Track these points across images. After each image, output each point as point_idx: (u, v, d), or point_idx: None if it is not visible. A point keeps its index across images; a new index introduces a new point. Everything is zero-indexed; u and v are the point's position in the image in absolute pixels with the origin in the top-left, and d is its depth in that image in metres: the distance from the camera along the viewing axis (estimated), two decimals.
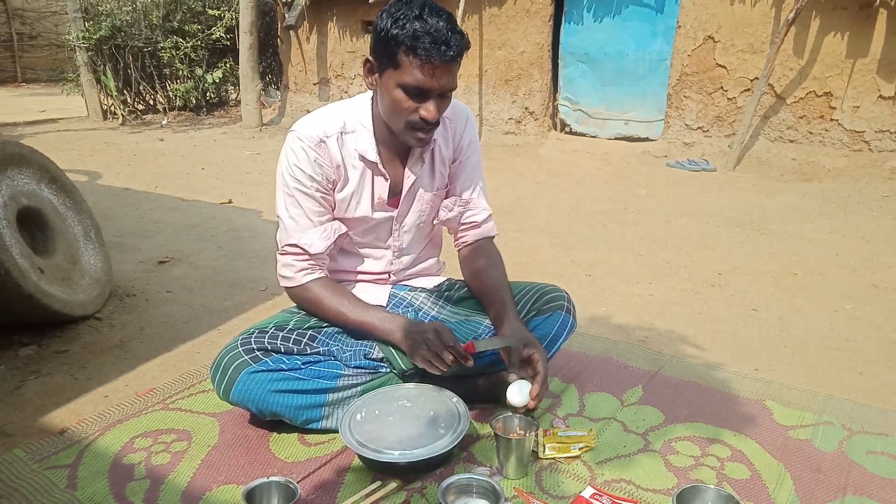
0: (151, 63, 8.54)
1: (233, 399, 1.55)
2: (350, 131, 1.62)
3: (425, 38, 1.40)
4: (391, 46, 1.43)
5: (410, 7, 1.42)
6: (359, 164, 1.64)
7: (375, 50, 1.49)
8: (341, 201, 1.66)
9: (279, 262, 1.66)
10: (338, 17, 7.57)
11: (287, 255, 1.64)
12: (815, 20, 5.20)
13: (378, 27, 1.46)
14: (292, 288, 1.67)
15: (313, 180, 1.59)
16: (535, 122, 6.71)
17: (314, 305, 1.66)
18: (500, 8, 6.55)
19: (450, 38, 1.42)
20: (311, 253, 1.62)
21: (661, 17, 5.97)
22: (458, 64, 1.48)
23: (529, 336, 1.56)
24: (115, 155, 6.12)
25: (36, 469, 1.49)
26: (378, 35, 1.46)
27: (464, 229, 1.79)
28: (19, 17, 13.81)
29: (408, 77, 1.44)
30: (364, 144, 1.62)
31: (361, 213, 1.68)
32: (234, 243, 3.41)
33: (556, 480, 1.48)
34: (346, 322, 1.65)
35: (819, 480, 1.49)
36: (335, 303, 1.63)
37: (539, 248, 3.39)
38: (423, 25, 1.40)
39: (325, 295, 1.64)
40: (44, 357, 2.10)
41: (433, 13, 1.42)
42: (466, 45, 1.47)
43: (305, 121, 1.62)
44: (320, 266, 1.65)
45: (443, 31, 1.41)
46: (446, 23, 1.42)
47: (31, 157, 2.39)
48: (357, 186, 1.65)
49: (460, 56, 1.46)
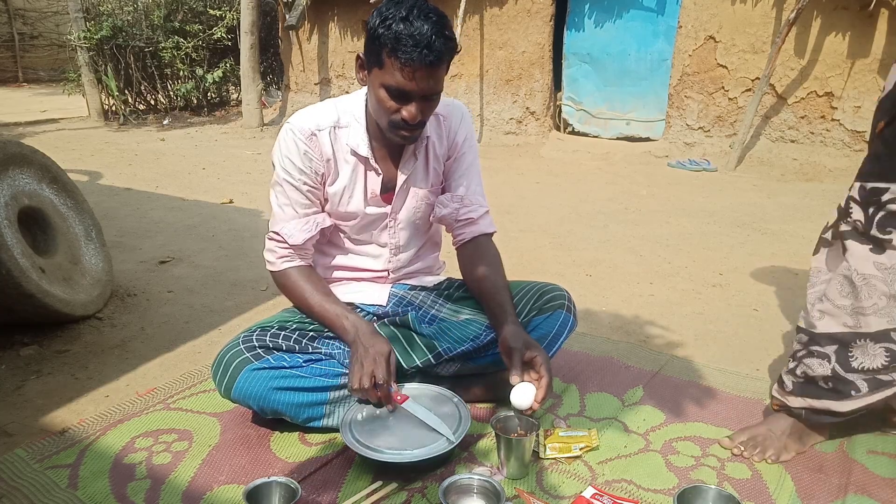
0: (153, 63, 8.54)
1: (234, 396, 1.56)
2: (344, 126, 1.63)
3: (407, 41, 1.39)
4: (377, 46, 1.44)
5: (399, 7, 1.41)
6: (351, 159, 1.64)
7: (365, 47, 1.50)
8: (333, 195, 1.67)
9: (266, 244, 1.71)
10: (339, 17, 7.58)
11: (272, 240, 1.69)
12: (816, 20, 5.20)
13: (368, 25, 1.47)
14: (273, 272, 1.73)
15: (302, 172, 1.61)
16: (536, 122, 6.71)
17: (288, 291, 1.72)
18: (501, 8, 6.55)
19: (433, 43, 1.40)
20: (290, 244, 1.66)
21: (663, 18, 5.97)
22: (444, 68, 1.46)
23: (530, 339, 1.54)
24: (116, 155, 6.13)
25: (37, 468, 1.50)
26: (368, 31, 1.47)
27: (460, 226, 1.77)
28: (21, 17, 13.83)
29: (390, 78, 1.44)
30: (356, 139, 1.62)
31: (354, 207, 1.69)
32: (235, 243, 3.41)
33: (557, 480, 1.48)
34: (309, 311, 1.69)
35: (820, 480, 1.49)
36: (304, 291, 1.68)
37: (540, 247, 3.39)
38: (408, 28, 1.39)
39: (299, 284, 1.68)
40: (45, 357, 2.10)
41: (421, 15, 1.40)
42: (452, 50, 1.45)
43: (301, 113, 1.64)
44: (301, 256, 1.69)
45: (426, 35, 1.39)
46: (433, 26, 1.40)
47: (33, 157, 2.39)
48: (349, 181, 1.66)
49: (443, 61, 1.44)
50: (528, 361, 1.49)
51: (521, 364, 1.47)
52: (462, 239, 1.79)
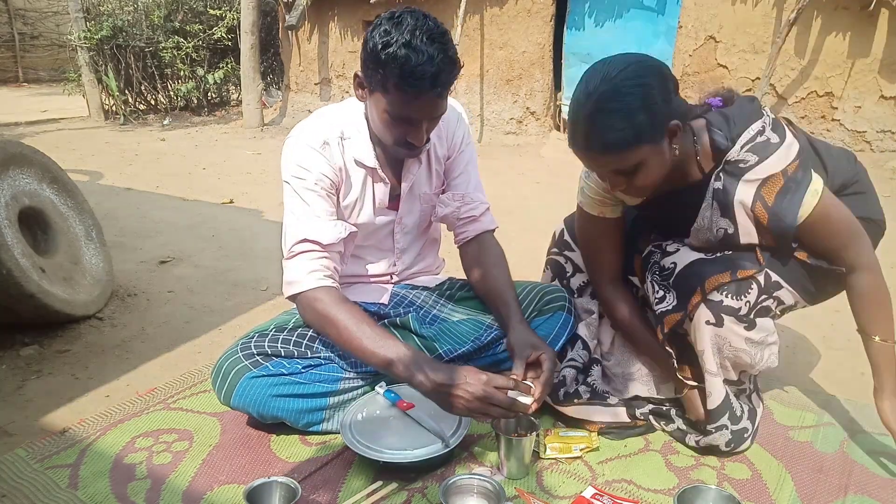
0: (153, 63, 8.54)
1: (234, 404, 1.55)
2: (348, 137, 1.60)
3: (414, 72, 1.34)
4: (380, 73, 1.38)
5: (401, 29, 1.35)
6: (359, 170, 1.63)
7: (365, 67, 1.44)
8: (345, 207, 1.65)
9: (285, 268, 1.53)
10: (339, 17, 7.57)
11: (295, 256, 1.51)
12: (817, 20, 5.20)
13: (368, 44, 1.39)
14: (299, 295, 1.52)
15: (321, 177, 1.55)
16: (537, 122, 6.71)
17: (319, 318, 1.49)
18: (501, 8, 6.55)
19: (439, 74, 1.36)
20: (324, 244, 1.51)
21: (663, 18, 5.97)
22: (449, 90, 1.44)
23: (536, 340, 1.53)
24: (116, 155, 6.13)
25: (37, 468, 1.50)
26: (367, 52, 1.40)
27: (462, 224, 1.77)
28: (21, 18, 13.83)
29: (396, 108, 1.42)
30: (362, 151, 1.61)
31: (364, 219, 1.68)
32: (236, 243, 3.41)
33: (557, 480, 1.48)
34: (347, 347, 1.48)
35: (820, 481, 1.49)
36: (341, 322, 1.45)
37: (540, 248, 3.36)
38: (414, 56, 1.33)
39: (331, 312, 1.46)
40: (45, 357, 2.10)
41: (424, 37, 1.34)
42: (458, 72, 1.42)
43: (304, 126, 1.59)
44: (330, 269, 1.53)
45: (433, 63, 1.34)
46: (437, 51, 1.35)
47: (33, 157, 2.39)
48: (360, 193, 1.65)
49: (449, 87, 1.42)
50: (533, 362, 1.49)
51: (523, 365, 1.47)
52: (465, 237, 1.78)
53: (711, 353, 1.46)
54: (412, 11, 1.40)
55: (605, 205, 1.64)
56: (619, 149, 1.31)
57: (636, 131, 1.29)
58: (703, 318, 1.43)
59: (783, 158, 1.39)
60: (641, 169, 1.34)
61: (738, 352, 1.45)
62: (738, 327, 1.43)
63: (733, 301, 1.42)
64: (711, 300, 1.42)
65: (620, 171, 1.36)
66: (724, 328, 1.42)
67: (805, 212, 1.39)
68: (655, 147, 1.33)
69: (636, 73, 1.31)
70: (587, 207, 1.66)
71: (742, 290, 1.43)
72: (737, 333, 1.43)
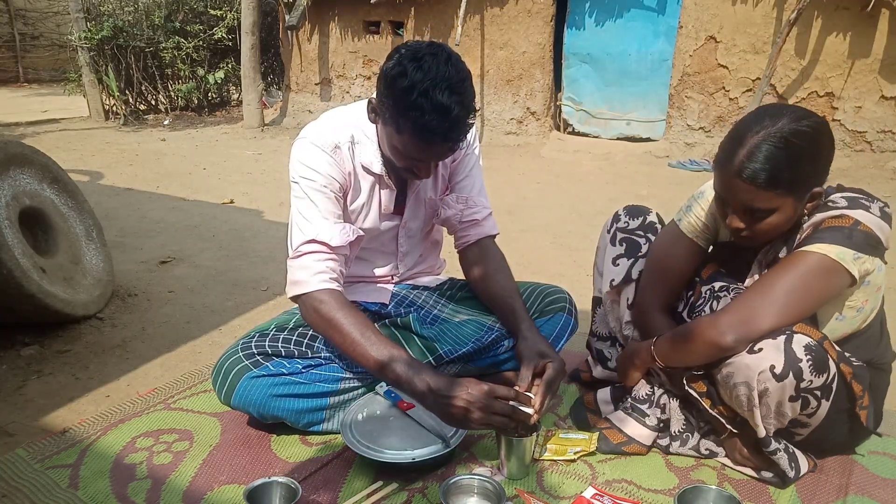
0: (153, 63, 8.55)
1: (234, 404, 1.55)
2: (357, 142, 1.60)
3: (428, 126, 1.34)
4: (396, 111, 1.37)
5: (423, 72, 1.32)
6: (367, 176, 1.63)
7: (380, 98, 1.43)
8: (352, 212, 1.65)
9: (290, 267, 1.51)
10: (339, 18, 7.58)
11: (301, 255, 1.49)
12: (817, 20, 5.20)
13: (386, 78, 1.38)
14: (302, 296, 1.50)
15: (330, 179, 1.54)
16: (537, 122, 6.71)
17: (322, 321, 1.47)
18: (501, 8, 6.55)
19: (453, 128, 1.36)
20: (332, 246, 1.50)
21: (663, 18, 5.98)
22: (463, 139, 1.45)
23: (545, 348, 1.52)
24: (116, 155, 6.13)
25: (38, 468, 1.50)
26: (385, 86, 1.39)
27: (464, 227, 1.76)
28: (21, 18, 13.84)
29: (405, 148, 1.43)
30: (369, 157, 1.60)
31: (370, 224, 1.68)
32: (236, 243, 3.41)
33: (557, 480, 1.48)
34: (350, 353, 1.46)
35: (820, 481, 1.49)
36: (344, 328, 1.44)
37: (540, 248, 3.39)
38: (431, 109, 1.32)
39: (336, 317, 1.45)
40: (46, 357, 2.11)
41: (444, 85, 1.32)
42: (473, 121, 1.43)
43: (315, 128, 1.58)
44: (336, 272, 1.51)
45: (448, 118, 1.34)
46: (455, 103, 1.33)
47: (34, 158, 2.39)
48: (367, 198, 1.65)
49: (465, 136, 1.43)
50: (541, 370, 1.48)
51: (531, 374, 1.47)
52: (466, 241, 1.78)
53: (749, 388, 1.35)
54: (435, 53, 1.36)
55: (703, 232, 1.61)
56: (773, 188, 1.28)
57: (795, 178, 1.29)
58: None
59: (865, 216, 1.33)
60: (773, 216, 1.33)
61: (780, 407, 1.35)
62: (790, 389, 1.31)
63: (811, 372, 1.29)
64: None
65: (755, 209, 1.33)
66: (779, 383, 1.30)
67: (813, 247, 1.32)
68: (796, 202, 1.33)
69: (823, 128, 1.31)
70: (684, 227, 1.62)
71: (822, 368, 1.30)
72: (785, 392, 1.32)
